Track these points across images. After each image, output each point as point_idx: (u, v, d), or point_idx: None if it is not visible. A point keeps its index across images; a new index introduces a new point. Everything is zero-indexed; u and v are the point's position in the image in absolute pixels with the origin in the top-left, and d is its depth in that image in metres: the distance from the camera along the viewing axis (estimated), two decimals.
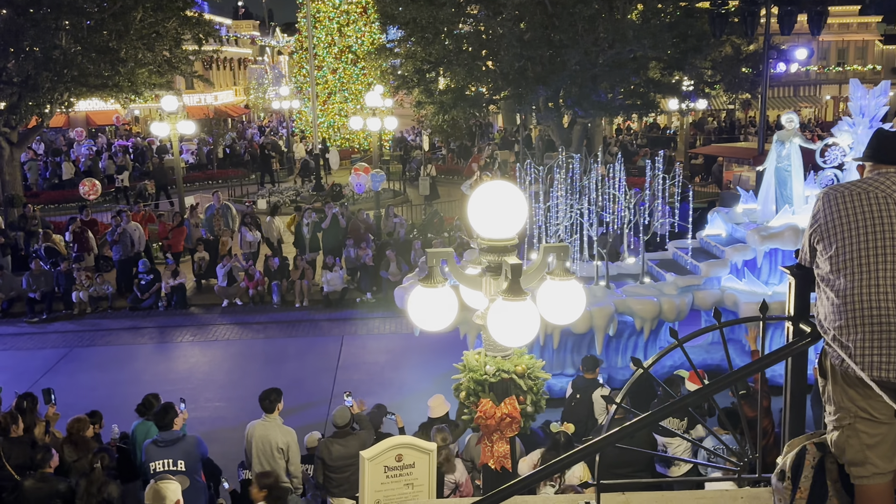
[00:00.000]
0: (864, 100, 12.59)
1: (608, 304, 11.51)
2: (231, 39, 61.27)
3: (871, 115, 12.53)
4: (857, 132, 12.61)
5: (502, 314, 4.76)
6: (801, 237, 11.81)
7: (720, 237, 13.20)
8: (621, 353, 12.58)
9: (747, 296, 11.88)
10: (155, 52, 22.42)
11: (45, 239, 19.40)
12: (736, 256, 12.27)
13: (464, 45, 22.40)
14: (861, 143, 12.52)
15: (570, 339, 12.00)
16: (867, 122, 12.52)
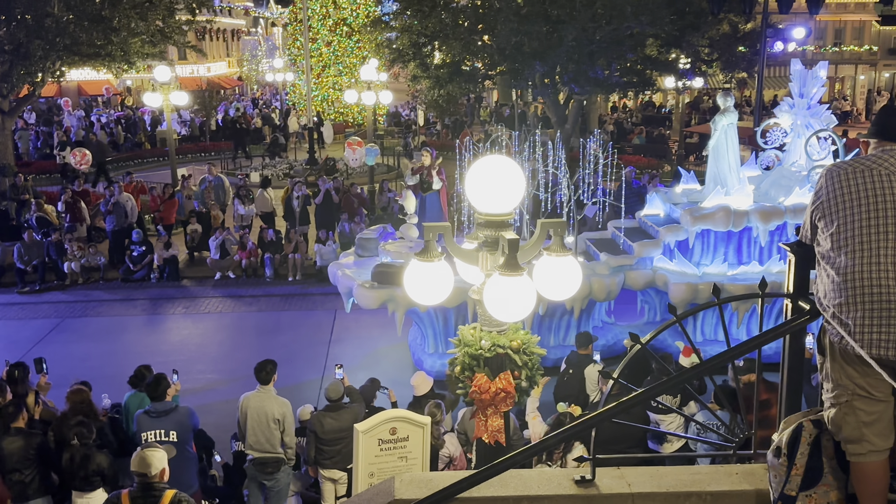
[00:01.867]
0: (802, 80, 12.57)
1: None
2: (224, 10, 60.59)
3: (809, 95, 12.52)
4: (796, 113, 12.61)
5: (499, 289, 4.75)
6: (732, 218, 11.91)
7: (658, 217, 13.13)
8: (553, 333, 12.65)
9: (677, 276, 11.94)
10: (148, 21, 22.18)
11: (37, 209, 19.26)
12: (669, 237, 12.26)
13: (460, 19, 22.23)
14: (803, 124, 12.55)
15: None
16: (805, 102, 12.52)
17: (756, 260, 12.27)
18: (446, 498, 3.50)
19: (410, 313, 11.89)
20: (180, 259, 18.25)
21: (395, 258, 11.79)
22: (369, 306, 11.65)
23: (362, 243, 13.04)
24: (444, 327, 12.17)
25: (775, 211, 12.03)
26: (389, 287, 11.42)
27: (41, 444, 7.74)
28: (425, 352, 12.37)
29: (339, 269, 12.44)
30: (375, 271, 11.67)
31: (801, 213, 11.93)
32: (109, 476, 7.60)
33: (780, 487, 3.24)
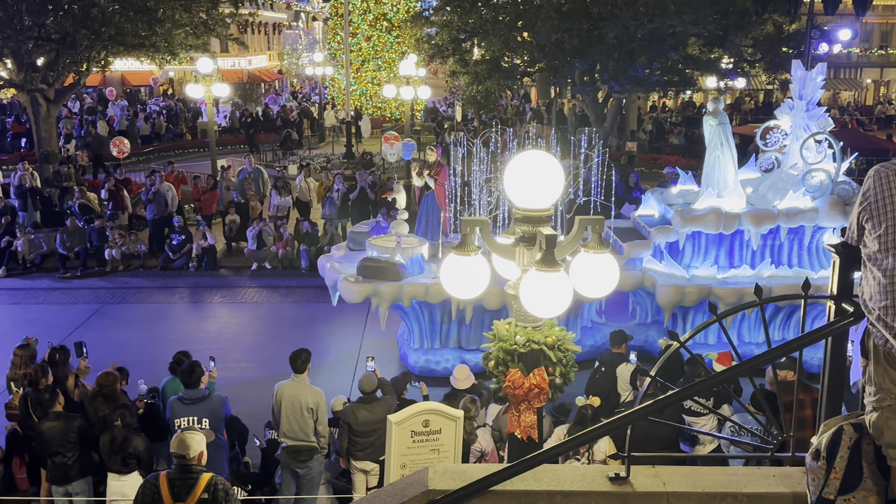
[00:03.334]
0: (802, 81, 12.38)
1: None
2: (266, 3, 61.09)
3: (808, 97, 12.31)
4: (795, 115, 12.41)
5: (535, 285, 4.74)
6: (723, 221, 11.76)
7: (652, 218, 12.98)
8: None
9: (665, 278, 11.81)
10: (192, 13, 22.44)
11: (80, 196, 19.63)
12: (660, 238, 12.12)
13: (501, 15, 22.18)
14: (799, 126, 12.36)
15: (487, 314, 12.00)
16: (804, 104, 12.31)
17: (748, 264, 12.10)
18: (480, 490, 3.50)
19: (395, 308, 11.93)
20: (218, 249, 18.48)
21: (382, 253, 11.82)
22: (352, 300, 11.72)
23: (354, 237, 13.12)
24: (430, 324, 12.21)
25: (767, 214, 11.85)
26: (374, 281, 11.48)
27: (81, 427, 7.90)
28: (410, 347, 12.41)
29: (329, 262, 12.54)
30: (361, 265, 11.73)
31: (793, 217, 11.78)
32: (145, 459, 7.74)
33: (818, 491, 3.20)
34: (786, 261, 12.20)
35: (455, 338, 12.33)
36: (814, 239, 12.17)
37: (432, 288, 11.47)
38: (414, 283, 11.58)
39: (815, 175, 11.82)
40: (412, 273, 11.78)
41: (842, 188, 11.94)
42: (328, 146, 34.93)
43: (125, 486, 7.58)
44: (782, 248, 12.19)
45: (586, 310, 12.68)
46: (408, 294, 11.51)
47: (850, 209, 11.69)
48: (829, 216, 11.75)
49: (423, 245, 12.24)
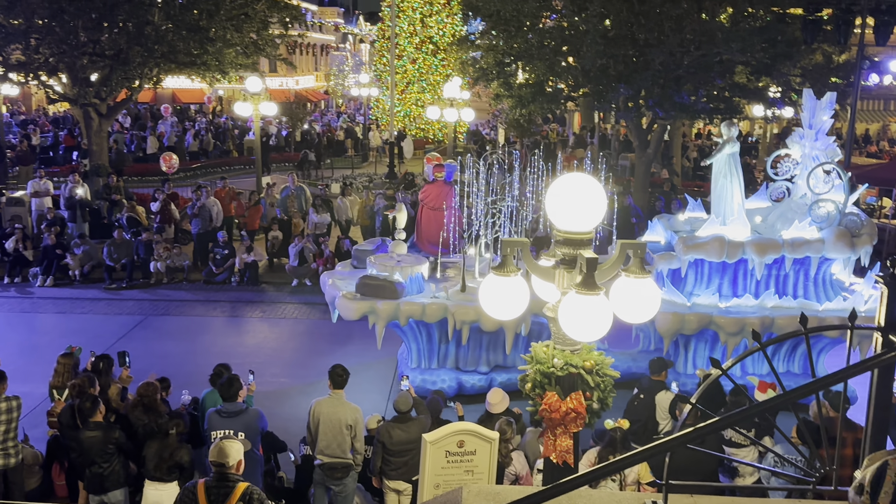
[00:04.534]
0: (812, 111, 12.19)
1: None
2: (315, 25, 62.13)
3: (817, 127, 12.11)
4: (805, 144, 12.21)
5: (575, 308, 4.73)
6: (726, 249, 11.53)
7: (658, 244, 12.77)
8: None
9: (665, 305, 11.54)
10: (242, 33, 22.89)
11: (128, 209, 20.05)
12: (662, 264, 11.93)
13: (546, 39, 22.21)
14: (808, 156, 12.17)
15: (485, 336, 11.95)
16: (813, 134, 12.12)
17: (751, 293, 11.87)
18: None
19: (393, 327, 11.93)
20: (260, 264, 18.70)
21: (381, 271, 11.85)
22: (349, 317, 11.73)
23: (358, 255, 13.17)
24: (428, 343, 12.18)
25: (772, 244, 11.63)
26: (371, 299, 11.51)
27: (119, 437, 8.01)
28: (408, 366, 12.38)
29: (331, 278, 12.59)
30: (360, 283, 11.76)
31: (799, 248, 11.55)
32: (188, 469, 7.83)
33: None
34: (791, 292, 11.99)
35: (453, 358, 12.32)
36: (820, 270, 11.96)
37: (429, 307, 11.51)
38: (411, 301, 11.59)
39: (822, 205, 11.64)
40: (411, 292, 11.81)
41: (850, 219, 11.73)
42: (371, 166, 35.25)
43: (163, 495, 7.67)
44: (787, 279, 12.00)
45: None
46: (404, 313, 11.52)
47: (858, 241, 11.50)
48: (836, 247, 11.53)
49: (422, 264, 12.29)
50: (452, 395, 11.58)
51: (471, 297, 11.66)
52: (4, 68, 21.55)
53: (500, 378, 12.17)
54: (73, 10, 20.23)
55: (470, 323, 11.50)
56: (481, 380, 12.16)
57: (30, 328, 15.42)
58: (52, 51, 21.01)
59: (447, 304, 11.52)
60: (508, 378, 12.21)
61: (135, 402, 8.73)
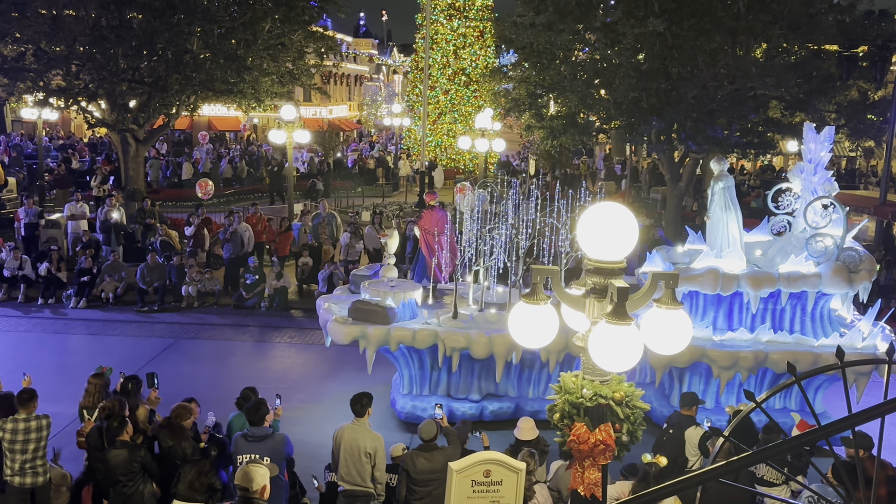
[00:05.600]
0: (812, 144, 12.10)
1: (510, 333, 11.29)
2: (350, 56, 62.99)
3: (816, 161, 12.00)
4: (805, 178, 12.11)
5: (605, 338, 4.68)
6: (720, 281, 11.34)
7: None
8: (533, 384, 12.38)
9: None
10: (279, 62, 23.27)
11: (162, 233, 20.33)
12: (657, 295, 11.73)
13: (579, 72, 22.29)
14: (807, 189, 12.07)
15: (476, 364, 11.83)
16: (812, 167, 12.02)
17: (746, 327, 11.70)
18: None
19: (385, 353, 11.86)
20: (290, 290, 18.80)
21: (374, 296, 11.83)
22: (340, 341, 11.74)
23: (355, 280, 13.19)
24: (420, 370, 12.13)
25: (767, 277, 11.48)
26: (362, 324, 11.46)
27: (144, 457, 8.03)
28: (400, 392, 12.32)
29: (325, 302, 12.59)
30: (352, 307, 11.77)
31: (795, 282, 11.41)
32: (218, 492, 7.82)
33: None
34: (787, 327, 11.81)
35: (444, 385, 12.26)
36: (818, 305, 11.78)
37: (420, 333, 11.48)
38: (401, 327, 11.57)
39: (819, 240, 11.48)
40: (403, 317, 11.80)
41: (848, 254, 11.55)
42: (402, 195, 35.44)
43: None
44: (784, 314, 11.82)
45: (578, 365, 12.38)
46: (394, 338, 11.50)
47: (856, 276, 11.31)
48: (833, 282, 11.35)
49: (416, 290, 12.27)
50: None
51: (462, 323, 11.64)
52: (45, 93, 22.05)
53: (492, 406, 12.11)
54: (114, 37, 20.70)
55: (460, 350, 11.50)
56: (472, 408, 12.10)
57: (62, 349, 15.61)
58: (93, 77, 21.48)
59: (437, 331, 11.51)
60: (500, 406, 12.15)
61: (162, 423, 8.76)
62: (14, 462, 8.36)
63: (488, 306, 12.22)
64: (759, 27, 20.61)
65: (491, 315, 11.94)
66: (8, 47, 21.72)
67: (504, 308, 12.09)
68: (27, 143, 38.13)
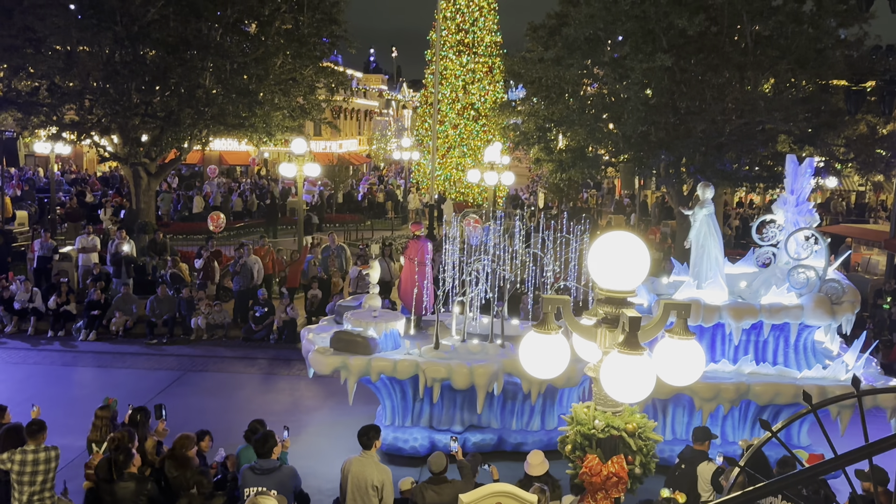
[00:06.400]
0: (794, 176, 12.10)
1: (491, 363, 11.26)
2: (360, 91, 63.61)
3: (798, 192, 11.98)
4: (787, 210, 12.08)
5: (617, 368, 4.65)
6: (701, 313, 11.23)
7: (641, 307, 12.51)
8: (516, 416, 12.23)
9: None
10: (290, 97, 23.52)
11: (172, 265, 20.40)
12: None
13: (587, 106, 22.45)
14: (791, 221, 12.03)
15: (459, 395, 11.71)
16: (794, 199, 12.01)
17: (729, 359, 11.59)
18: None
19: (367, 383, 11.78)
20: (299, 322, 18.76)
21: (356, 326, 11.79)
22: (321, 371, 11.70)
23: (339, 310, 13.16)
24: (402, 401, 12.03)
25: (748, 309, 11.40)
26: (344, 354, 11.41)
27: (152, 489, 7.99)
28: (382, 423, 12.19)
29: (309, 333, 12.55)
30: (333, 337, 11.74)
31: (777, 314, 11.32)
32: None
33: None
34: (771, 358, 11.70)
35: (427, 417, 12.15)
36: (800, 337, 11.69)
37: (400, 364, 11.41)
38: (382, 357, 11.51)
39: (801, 271, 11.42)
40: (386, 348, 11.74)
41: (830, 286, 11.48)
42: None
43: None
44: (767, 345, 11.73)
45: (567, 396, 12.31)
46: (375, 369, 11.44)
47: (839, 308, 11.22)
48: (815, 314, 11.27)
49: (398, 320, 12.22)
50: (424, 455, 11.41)
51: (443, 354, 11.58)
52: (58, 127, 22.30)
53: (474, 438, 11.99)
54: (128, 72, 20.98)
55: (441, 380, 11.41)
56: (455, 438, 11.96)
57: (70, 382, 15.58)
58: (106, 111, 21.74)
59: (418, 361, 11.45)
60: (482, 438, 12.05)
61: (167, 454, 8.72)
62: (22, 494, 8.30)
63: (471, 337, 12.19)
64: (767, 62, 20.77)
65: (473, 346, 11.90)
66: (22, 82, 22.03)
67: (487, 339, 12.06)
68: (40, 177, 38.49)
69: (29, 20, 20.42)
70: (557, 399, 12.25)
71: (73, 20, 20.87)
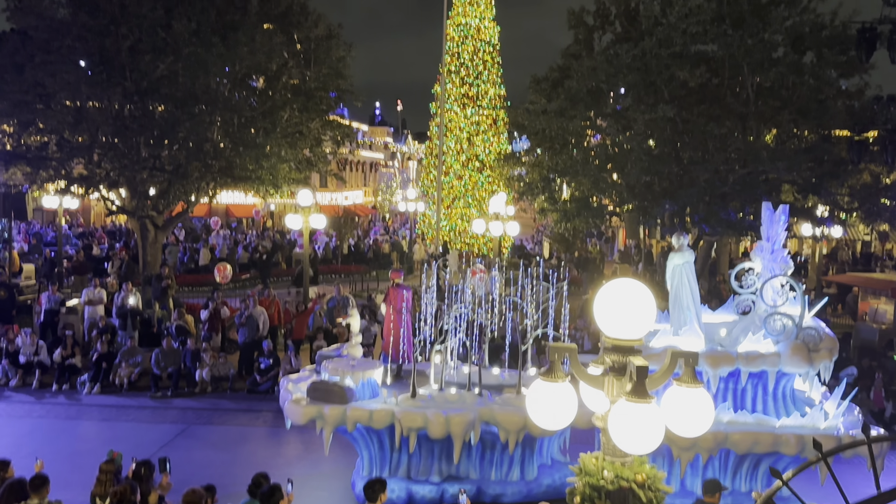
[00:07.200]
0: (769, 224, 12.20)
1: (467, 412, 11.16)
2: (366, 143, 64.31)
3: (773, 240, 12.05)
4: (764, 257, 12.11)
5: (625, 417, 4.62)
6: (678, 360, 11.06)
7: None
8: (495, 466, 12.04)
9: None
10: (297, 149, 23.79)
11: (178, 317, 20.39)
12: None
13: (591, 156, 22.65)
14: (767, 268, 12.05)
15: (436, 444, 11.58)
16: (770, 246, 12.06)
17: None
18: None
19: (343, 433, 11.66)
20: None
21: (333, 375, 11.69)
22: (297, 422, 11.60)
23: (320, 359, 13.09)
24: (380, 451, 11.89)
25: (725, 356, 11.33)
26: (320, 404, 11.30)
27: None
28: (360, 474, 12.05)
29: (288, 382, 12.45)
30: (310, 387, 11.66)
31: (754, 361, 11.24)
32: None
33: None
34: (749, 406, 11.57)
35: (405, 467, 11.99)
36: (779, 385, 11.58)
37: (376, 413, 11.29)
38: (358, 407, 11.40)
39: (777, 319, 11.37)
40: (363, 397, 11.65)
41: (808, 333, 11.41)
42: (416, 279, 35.53)
43: None
44: (745, 393, 11.61)
45: (547, 446, 12.13)
46: (351, 419, 11.33)
47: (816, 356, 11.13)
48: (792, 361, 11.18)
49: (376, 369, 12.14)
50: None
51: (420, 403, 11.48)
52: (67, 181, 22.52)
53: (453, 489, 11.79)
54: (137, 127, 21.27)
55: (417, 430, 11.29)
56: (432, 490, 11.81)
57: (74, 435, 15.47)
58: (114, 165, 21.98)
59: (394, 410, 11.34)
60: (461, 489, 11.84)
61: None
62: None
63: (448, 385, 12.10)
64: (769, 113, 20.98)
65: (450, 394, 11.80)
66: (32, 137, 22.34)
67: (465, 387, 11.97)
68: (47, 231, 38.74)
69: (40, 76, 20.79)
70: (537, 448, 12.12)
71: (83, 76, 21.25)
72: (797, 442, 10.46)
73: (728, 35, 20.25)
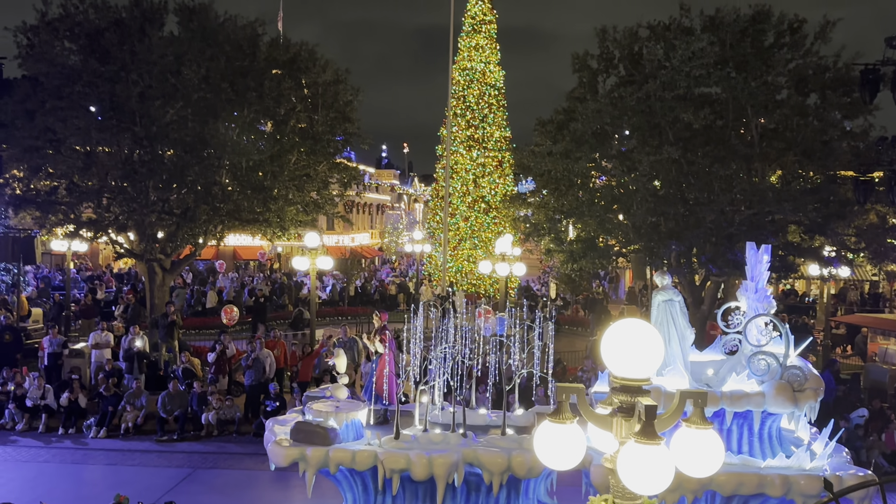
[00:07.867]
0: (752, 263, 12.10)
1: (451, 453, 11.01)
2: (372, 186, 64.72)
3: (756, 279, 11.97)
4: (749, 297, 12.04)
5: (634, 458, 4.59)
6: (662, 400, 10.99)
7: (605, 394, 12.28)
8: None
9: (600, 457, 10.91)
10: (304, 192, 23.95)
11: (185, 360, 20.38)
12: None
13: (596, 197, 22.73)
14: (751, 308, 11.97)
15: (420, 486, 11.40)
16: (754, 286, 11.98)
17: None
18: None
19: (326, 475, 11.52)
20: None
21: (317, 416, 11.60)
22: (279, 463, 11.41)
23: (307, 400, 12.99)
24: (364, 493, 11.69)
25: (709, 396, 11.17)
26: (302, 445, 11.21)
27: None
28: None
29: (274, 424, 12.35)
30: (293, 428, 11.52)
31: (738, 401, 11.03)
32: None
33: None
34: (735, 447, 11.43)
35: None
36: (764, 425, 11.40)
37: (359, 454, 11.11)
38: (341, 448, 11.24)
39: (761, 358, 11.30)
40: (347, 438, 11.51)
41: (792, 373, 11.31)
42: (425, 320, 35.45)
43: None
44: (731, 433, 11.46)
45: (532, 488, 11.95)
46: (333, 460, 11.14)
47: (801, 396, 11.01)
48: (776, 402, 11.02)
49: (360, 410, 12.06)
50: None
51: (403, 444, 11.37)
52: (76, 225, 22.67)
53: None
54: (146, 171, 21.47)
55: (400, 471, 11.10)
56: None
57: (80, 480, 15.38)
58: (123, 209, 22.15)
59: (377, 452, 11.22)
60: None
61: None
62: None
63: (433, 426, 12.00)
64: (774, 154, 21.05)
65: (434, 435, 11.66)
66: (41, 182, 22.55)
67: (449, 428, 11.87)
68: (55, 275, 38.89)
69: (50, 121, 21.06)
70: (522, 490, 11.95)
71: (93, 122, 21.52)
72: (782, 483, 10.33)
73: (731, 78, 20.41)
